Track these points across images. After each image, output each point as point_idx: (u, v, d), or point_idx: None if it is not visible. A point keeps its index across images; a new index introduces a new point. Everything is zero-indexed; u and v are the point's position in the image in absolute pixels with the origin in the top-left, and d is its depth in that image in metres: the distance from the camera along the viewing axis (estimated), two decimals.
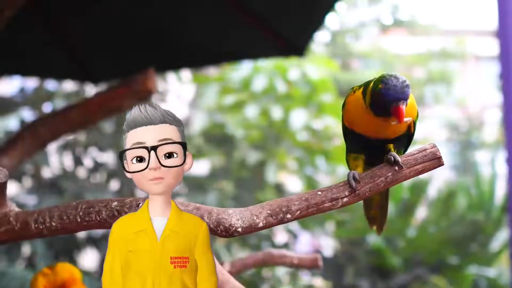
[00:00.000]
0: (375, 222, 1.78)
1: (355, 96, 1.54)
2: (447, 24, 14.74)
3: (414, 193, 5.92)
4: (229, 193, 5.52)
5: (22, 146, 2.62)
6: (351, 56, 10.35)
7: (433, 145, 1.51)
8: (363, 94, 1.50)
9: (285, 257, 2.33)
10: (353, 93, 1.56)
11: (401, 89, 1.40)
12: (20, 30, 3.56)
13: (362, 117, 1.51)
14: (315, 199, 1.47)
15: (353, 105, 1.54)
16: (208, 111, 5.96)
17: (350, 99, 1.56)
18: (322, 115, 5.98)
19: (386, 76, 1.44)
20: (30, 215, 1.64)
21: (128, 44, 4.06)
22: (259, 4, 3.83)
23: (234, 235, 1.44)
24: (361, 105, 1.50)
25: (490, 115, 12.59)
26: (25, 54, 4.00)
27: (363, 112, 1.50)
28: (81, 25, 3.99)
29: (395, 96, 1.40)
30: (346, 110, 1.58)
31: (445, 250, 5.75)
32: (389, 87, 1.41)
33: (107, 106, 2.73)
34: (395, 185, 1.51)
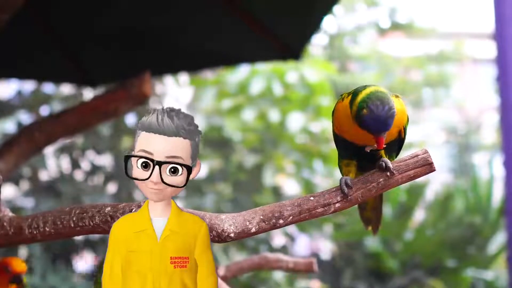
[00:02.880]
0: (370, 223, 1.78)
1: (343, 104, 1.52)
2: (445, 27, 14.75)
3: (412, 196, 5.93)
4: (226, 196, 5.52)
5: (17, 150, 2.61)
6: (349, 59, 10.34)
7: (424, 150, 1.51)
8: (350, 104, 1.48)
9: (280, 261, 2.33)
10: (341, 101, 1.53)
11: (384, 121, 1.39)
12: (18, 33, 3.57)
13: (350, 125, 1.49)
14: (307, 204, 1.48)
15: (342, 113, 1.52)
16: (205, 114, 5.97)
17: (338, 106, 1.54)
18: (320, 118, 5.99)
19: (373, 99, 1.40)
20: (24, 220, 1.64)
21: (126, 48, 4.05)
22: (256, 8, 3.84)
23: (227, 240, 1.45)
24: (347, 113, 1.49)
25: (488, 117, 12.59)
26: (22, 57, 4.00)
27: (349, 121, 1.48)
28: (79, 28, 3.98)
29: (377, 128, 1.40)
30: (335, 117, 1.57)
31: (443, 253, 5.75)
32: (372, 117, 1.39)
33: (103, 110, 2.73)
34: (386, 191, 1.52)
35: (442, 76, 11.67)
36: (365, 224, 1.79)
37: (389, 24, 10.75)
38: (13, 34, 3.30)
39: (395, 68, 10.89)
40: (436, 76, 11.61)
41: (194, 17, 3.86)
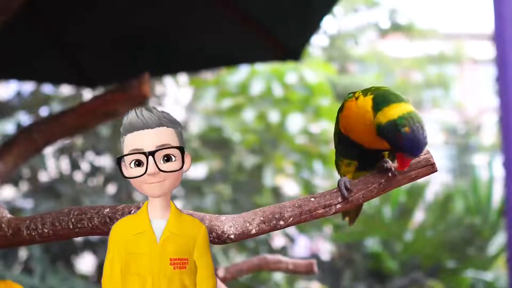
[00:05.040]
0: (348, 214, 1.74)
1: (356, 104, 1.46)
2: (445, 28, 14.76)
3: (412, 197, 5.92)
4: (226, 197, 5.51)
5: (16, 150, 2.60)
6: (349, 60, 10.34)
7: (426, 151, 1.48)
8: (374, 109, 1.41)
9: (280, 263, 2.32)
10: (354, 99, 1.48)
11: (421, 146, 1.37)
12: (17, 34, 3.56)
13: (362, 127, 1.45)
14: (308, 205, 1.46)
15: (354, 112, 1.47)
16: (205, 115, 5.97)
17: (350, 104, 1.49)
18: (319, 119, 5.98)
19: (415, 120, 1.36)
20: (22, 221, 1.63)
21: (125, 48, 4.05)
22: (255, 9, 3.83)
23: (227, 242, 1.43)
24: (364, 115, 1.43)
25: (488, 118, 12.60)
26: (22, 58, 3.99)
27: (364, 124, 1.44)
28: (78, 29, 3.98)
29: (412, 150, 1.37)
30: (344, 116, 1.51)
31: (442, 254, 5.74)
32: (413, 138, 1.35)
33: (102, 111, 2.72)
34: (388, 191, 1.50)
35: (441, 77, 11.68)
36: (343, 215, 1.74)
37: (389, 25, 10.75)
38: (12, 35, 3.29)
39: (395, 69, 10.90)
40: (436, 77, 11.62)
41: (194, 17, 3.85)
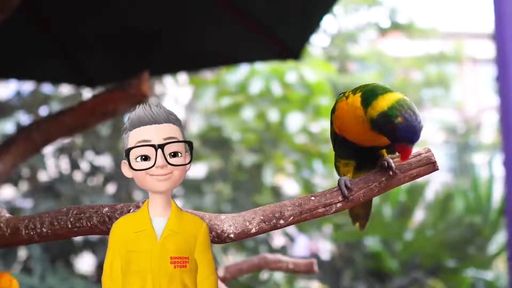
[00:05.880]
0: (358, 219, 1.76)
1: (347, 103, 1.47)
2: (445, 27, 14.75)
3: (412, 196, 5.91)
4: (226, 196, 5.50)
5: (16, 150, 2.60)
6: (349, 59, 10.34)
7: (427, 149, 1.48)
8: (363, 105, 1.41)
9: (280, 262, 2.31)
10: (345, 99, 1.48)
11: (418, 132, 1.35)
12: (16, 34, 3.55)
13: (356, 126, 1.45)
14: (308, 204, 1.46)
15: (346, 112, 1.47)
16: (205, 114, 5.96)
17: (341, 105, 1.49)
18: (319, 118, 5.98)
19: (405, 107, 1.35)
20: (21, 221, 1.62)
21: (125, 48, 4.05)
22: (255, 8, 3.83)
23: (227, 241, 1.43)
24: (355, 114, 1.43)
25: (488, 117, 12.60)
26: (21, 58, 3.98)
27: (357, 122, 1.43)
28: (78, 29, 3.97)
29: (410, 138, 1.36)
30: (337, 117, 1.52)
31: (443, 253, 5.73)
32: (408, 126, 1.34)
33: (102, 110, 2.71)
34: (389, 190, 1.49)
35: (441, 76, 11.68)
36: (353, 220, 1.76)
37: (389, 24, 10.75)
38: (12, 35, 3.29)
39: (395, 68, 10.89)
40: (436, 76, 11.62)
41: (193, 17, 3.85)
